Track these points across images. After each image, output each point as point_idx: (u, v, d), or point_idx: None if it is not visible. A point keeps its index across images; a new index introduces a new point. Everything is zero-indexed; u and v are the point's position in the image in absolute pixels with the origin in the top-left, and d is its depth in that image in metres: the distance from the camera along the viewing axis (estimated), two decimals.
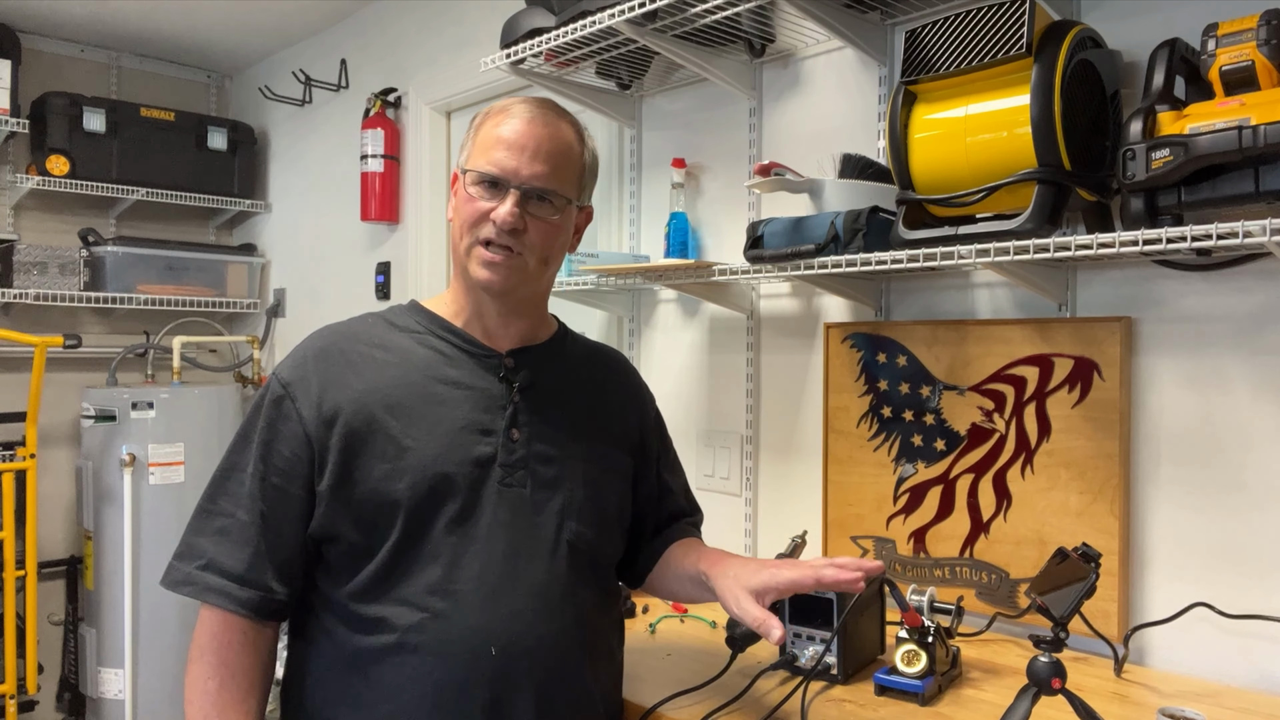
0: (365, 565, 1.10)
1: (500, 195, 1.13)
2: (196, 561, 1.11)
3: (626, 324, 2.30)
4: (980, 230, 1.34)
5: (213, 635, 1.10)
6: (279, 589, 1.11)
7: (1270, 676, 1.33)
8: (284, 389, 1.14)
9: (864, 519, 1.77)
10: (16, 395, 3.44)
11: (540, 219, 1.14)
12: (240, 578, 1.10)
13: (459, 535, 1.10)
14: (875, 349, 1.76)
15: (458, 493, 1.11)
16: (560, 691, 1.12)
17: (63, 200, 3.58)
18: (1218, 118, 1.16)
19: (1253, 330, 1.36)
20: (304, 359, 1.16)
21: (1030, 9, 1.29)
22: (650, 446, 1.34)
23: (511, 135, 1.14)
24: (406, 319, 1.22)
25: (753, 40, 1.91)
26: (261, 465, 1.12)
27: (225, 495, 1.14)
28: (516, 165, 1.13)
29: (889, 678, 1.27)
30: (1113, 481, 1.45)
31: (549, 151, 1.14)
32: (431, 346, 1.19)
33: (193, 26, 3.46)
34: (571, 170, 1.17)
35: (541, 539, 1.14)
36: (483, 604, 1.08)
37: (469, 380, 1.17)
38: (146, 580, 3.06)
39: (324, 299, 3.45)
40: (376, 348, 1.17)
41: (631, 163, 2.28)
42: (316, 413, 1.12)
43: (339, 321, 1.23)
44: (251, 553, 1.10)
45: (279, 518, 1.11)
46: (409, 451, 1.10)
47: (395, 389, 1.14)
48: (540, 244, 1.15)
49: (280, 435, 1.12)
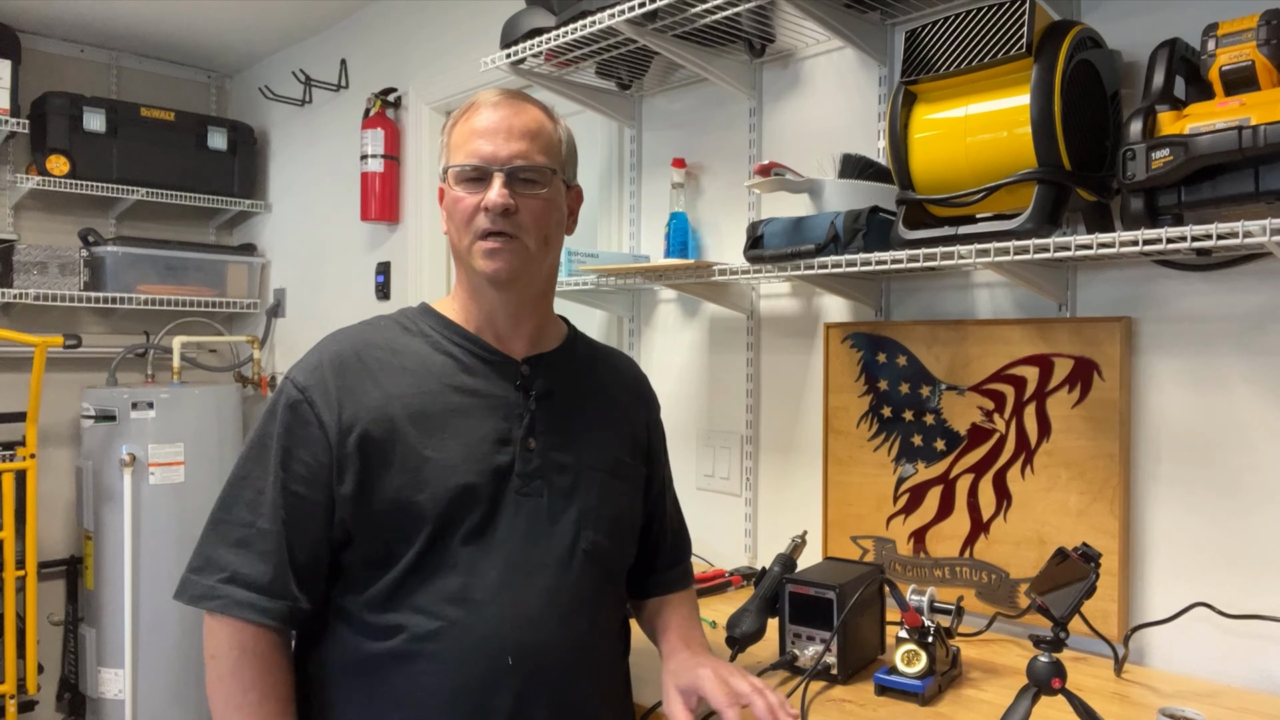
0: (383, 574, 1.08)
1: (486, 184, 1.13)
2: (218, 574, 1.08)
3: (626, 324, 2.30)
4: (980, 230, 1.34)
5: (243, 649, 1.06)
6: (303, 598, 1.09)
7: (1270, 676, 1.33)
8: (301, 393, 1.11)
9: (864, 519, 1.77)
10: (16, 395, 3.44)
11: (530, 197, 1.14)
12: (266, 589, 1.07)
13: (477, 545, 1.09)
14: (875, 349, 1.76)
15: (478, 503, 1.10)
16: (577, 700, 1.12)
17: (63, 200, 3.58)
18: (1218, 118, 1.16)
19: (1253, 330, 1.36)
20: (319, 363, 1.14)
21: (1030, 9, 1.29)
22: (656, 450, 1.34)
23: (484, 125, 1.14)
24: (420, 323, 1.21)
25: (753, 40, 1.91)
26: (282, 472, 1.09)
27: (242, 504, 1.10)
28: (494, 150, 1.13)
29: (889, 678, 1.27)
30: (1113, 481, 1.45)
31: (522, 130, 1.14)
32: (447, 353, 1.17)
33: (193, 26, 3.46)
34: (549, 144, 1.17)
35: (558, 548, 1.13)
36: (500, 613, 1.08)
37: (486, 389, 1.16)
38: (146, 580, 3.06)
39: (324, 299, 3.45)
40: (392, 353, 1.16)
41: (631, 163, 2.28)
42: (336, 419, 1.10)
43: (351, 325, 1.21)
44: (276, 563, 1.08)
45: (301, 526, 1.09)
46: (429, 462, 1.09)
47: (414, 397, 1.12)
48: (535, 223, 1.14)
49: (300, 441, 1.10)
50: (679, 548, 1.40)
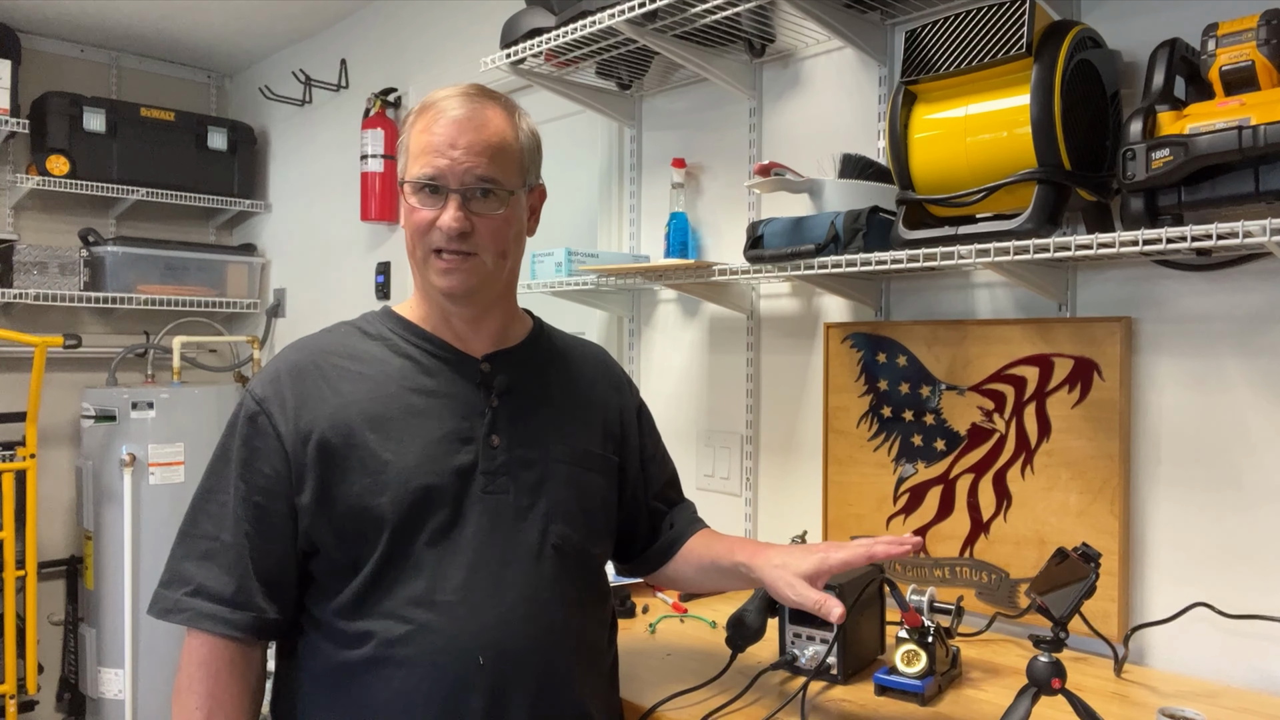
0: (349, 580, 1.08)
1: (441, 200, 1.10)
2: (184, 588, 1.08)
3: (626, 324, 2.30)
4: (980, 230, 1.34)
5: (201, 663, 1.08)
6: (270, 608, 1.09)
7: (1270, 676, 1.33)
8: (259, 405, 1.12)
9: (864, 519, 1.77)
10: (16, 395, 3.44)
11: (486, 215, 1.11)
12: (230, 600, 1.07)
13: (442, 546, 1.09)
14: (875, 349, 1.76)
15: (441, 504, 1.10)
16: (553, 696, 1.11)
17: (63, 200, 3.58)
18: (1218, 118, 1.16)
19: (1253, 330, 1.36)
20: (277, 374, 1.14)
21: (1030, 9, 1.29)
22: (632, 439, 1.32)
23: (441, 137, 1.09)
24: (379, 326, 1.20)
25: (753, 40, 1.91)
26: (242, 484, 1.10)
27: (207, 517, 1.11)
28: (450, 165, 1.09)
29: (889, 678, 1.27)
30: (1113, 481, 1.45)
31: (482, 145, 1.10)
32: (406, 355, 1.17)
33: (193, 26, 3.46)
34: (509, 158, 1.13)
35: (526, 545, 1.13)
36: (468, 613, 1.07)
37: (445, 389, 1.15)
38: (146, 580, 3.06)
39: (324, 299, 3.45)
40: (350, 359, 1.16)
41: (631, 163, 2.28)
42: (294, 428, 1.10)
43: (311, 334, 1.21)
44: (239, 574, 1.08)
45: (264, 536, 1.09)
46: (389, 465, 1.09)
47: (372, 402, 1.12)
48: (492, 241, 1.12)
49: (258, 453, 1.10)
50: (684, 500, 1.40)
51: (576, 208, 2.44)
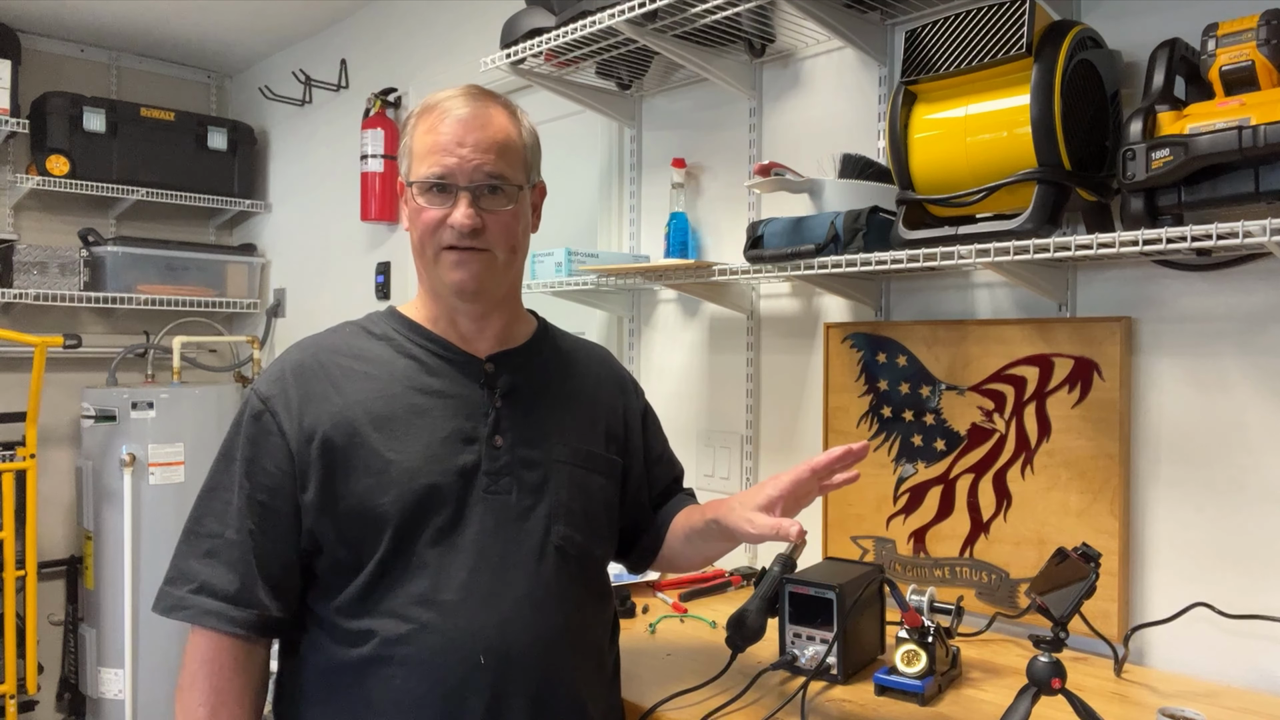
0: (352, 579, 1.09)
1: (450, 198, 1.11)
2: (188, 585, 1.09)
3: (626, 324, 2.30)
4: (980, 230, 1.34)
5: (204, 660, 1.08)
6: (273, 606, 1.10)
7: (1270, 676, 1.33)
8: (263, 404, 1.12)
9: (864, 519, 1.77)
10: (16, 395, 3.44)
11: (496, 211, 1.13)
12: (234, 598, 1.08)
13: (444, 546, 1.09)
14: (875, 349, 1.76)
15: (444, 504, 1.10)
16: (554, 696, 1.11)
17: (63, 200, 3.58)
18: (1218, 118, 1.16)
19: (1253, 330, 1.36)
20: (282, 373, 1.15)
21: (1030, 9, 1.29)
22: (636, 441, 1.33)
23: (447, 136, 1.11)
24: (384, 326, 1.21)
25: (753, 40, 1.91)
26: (247, 482, 1.10)
27: (211, 515, 1.12)
28: (459, 164, 1.10)
29: (889, 678, 1.27)
30: (1113, 482, 1.45)
31: (489, 143, 1.12)
32: (410, 355, 1.17)
33: (193, 26, 3.46)
34: (515, 156, 1.15)
35: (528, 545, 1.13)
36: (470, 613, 1.08)
37: (449, 389, 1.16)
38: (146, 580, 3.06)
39: (324, 299, 3.45)
40: (355, 359, 1.16)
41: (631, 163, 2.28)
42: (298, 427, 1.10)
43: (316, 333, 1.21)
44: (243, 572, 1.09)
45: (268, 534, 1.10)
46: (392, 464, 1.09)
47: (376, 401, 1.12)
48: (503, 236, 1.14)
49: (263, 451, 1.11)
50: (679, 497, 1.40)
51: (576, 208, 2.44)
